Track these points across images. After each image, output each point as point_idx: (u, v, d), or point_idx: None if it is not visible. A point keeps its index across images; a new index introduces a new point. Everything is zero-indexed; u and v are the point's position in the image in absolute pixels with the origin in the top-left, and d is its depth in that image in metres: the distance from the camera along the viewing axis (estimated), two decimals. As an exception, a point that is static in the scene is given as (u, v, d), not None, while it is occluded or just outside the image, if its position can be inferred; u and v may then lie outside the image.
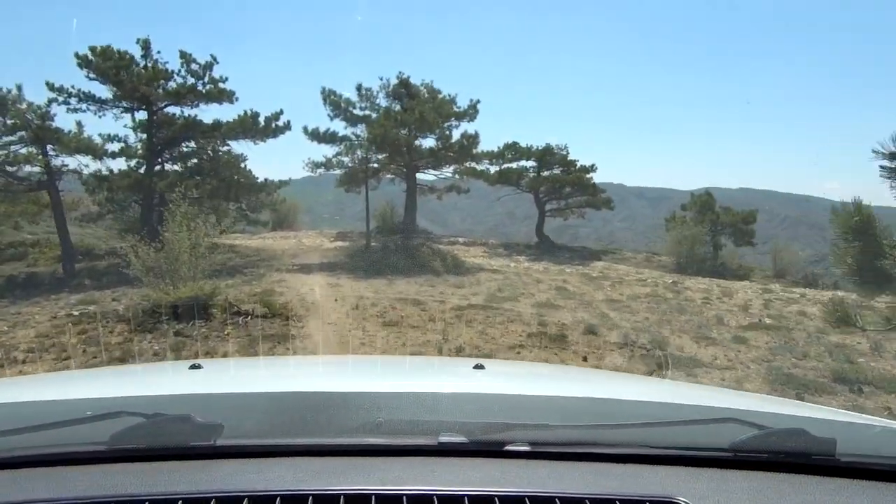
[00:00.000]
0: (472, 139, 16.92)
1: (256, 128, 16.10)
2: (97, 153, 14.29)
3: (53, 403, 1.18)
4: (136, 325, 8.14)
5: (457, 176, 23.66)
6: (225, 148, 17.54)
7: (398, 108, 17.69)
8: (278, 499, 0.83)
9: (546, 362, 6.40)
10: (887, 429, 1.17)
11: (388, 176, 23.66)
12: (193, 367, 1.56)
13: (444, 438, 1.02)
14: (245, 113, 15.91)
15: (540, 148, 23.27)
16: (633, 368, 6.52)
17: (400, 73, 18.15)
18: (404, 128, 16.36)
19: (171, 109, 16.56)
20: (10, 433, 0.96)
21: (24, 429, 0.97)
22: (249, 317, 8.21)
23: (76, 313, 9.27)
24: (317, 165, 17.96)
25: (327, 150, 18.27)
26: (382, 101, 18.13)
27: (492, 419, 1.07)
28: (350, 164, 18.28)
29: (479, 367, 1.65)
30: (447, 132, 17.04)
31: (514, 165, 23.44)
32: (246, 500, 0.83)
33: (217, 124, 16.25)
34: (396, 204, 24.06)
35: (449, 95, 17.97)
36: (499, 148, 18.33)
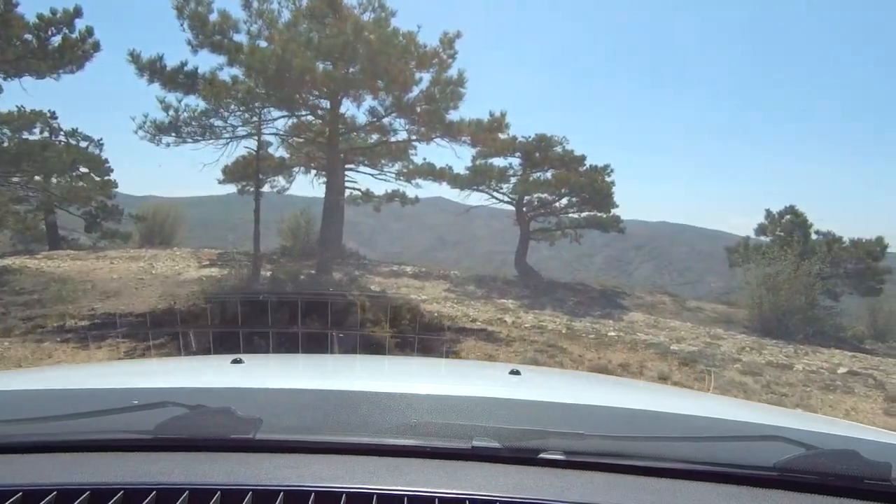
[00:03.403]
0: (453, 87, 9.13)
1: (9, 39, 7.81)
2: None
3: (103, 392, 1.20)
4: None
5: (401, 179, 16.05)
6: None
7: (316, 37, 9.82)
8: (313, 495, 0.83)
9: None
10: None
11: (301, 170, 15.77)
12: (235, 361, 1.53)
13: (478, 443, 0.99)
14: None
15: (529, 139, 16.05)
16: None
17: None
18: (324, 59, 8.56)
19: None
20: (63, 418, 0.99)
21: (76, 415, 0.99)
22: None
23: None
24: (159, 129, 9.69)
25: (186, 103, 10.06)
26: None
27: (526, 425, 1.04)
28: (224, 129, 10.12)
29: (514, 372, 1.59)
30: (404, 77, 9.23)
31: (487, 162, 16.19)
32: (281, 494, 0.82)
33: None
34: (316, 216, 16.29)
35: (404, 31, 10.26)
36: (498, 114, 10.30)
